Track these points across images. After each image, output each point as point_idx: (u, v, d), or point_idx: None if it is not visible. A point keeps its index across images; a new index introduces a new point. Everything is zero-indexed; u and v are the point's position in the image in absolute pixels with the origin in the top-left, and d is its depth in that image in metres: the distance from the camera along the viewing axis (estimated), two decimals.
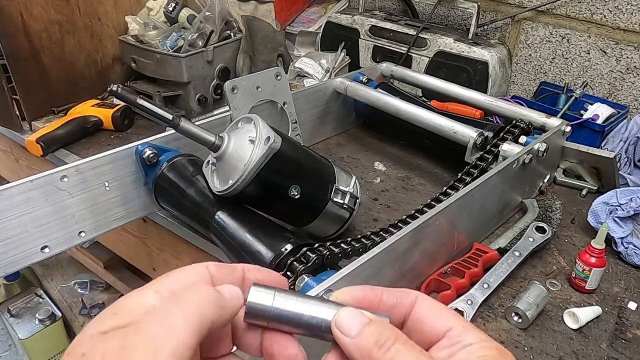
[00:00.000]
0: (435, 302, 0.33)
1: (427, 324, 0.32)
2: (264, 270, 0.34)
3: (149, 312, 0.28)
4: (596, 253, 0.76)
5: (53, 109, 1.22)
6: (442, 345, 0.31)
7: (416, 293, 0.33)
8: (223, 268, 0.32)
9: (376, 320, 0.30)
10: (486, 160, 0.90)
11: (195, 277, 0.31)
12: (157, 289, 0.29)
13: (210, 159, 0.77)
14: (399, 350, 0.28)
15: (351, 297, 0.32)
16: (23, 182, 0.70)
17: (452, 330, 0.31)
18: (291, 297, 0.31)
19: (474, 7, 1.31)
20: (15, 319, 1.70)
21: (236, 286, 0.31)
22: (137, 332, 0.26)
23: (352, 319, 0.30)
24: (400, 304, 0.33)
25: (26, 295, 1.80)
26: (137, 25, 1.28)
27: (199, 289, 0.29)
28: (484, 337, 0.31)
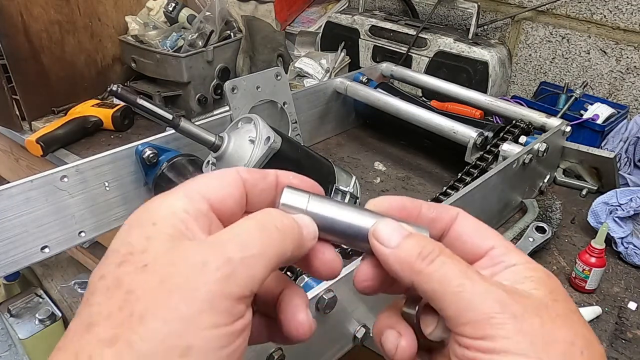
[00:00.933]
0: (477, 220, 0.32)
1: (468, 241, 0.30)
2: (298, 176, 0.32)
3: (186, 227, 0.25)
4: (596, 253, 0.76)
5: (53, 109, 1.22)
6: (484, 265, 0.30)
7: (457, 210, 0.32)
8: (255, 173, 0.30)
9: (417, 233, 0.29)
10: (486, 160, 0.90)
11: (227, 183, 0.28)
12: (187, 193, 0.27)
13: (210, 159, 0.77)
14: (445, 262, 0.27)
15: (389, 206, 0.31)
16: (23, 182, 0.70)
17: (494, 250, 0.30)
18: (326, 201, 0.30)
19: (474, 7, 1.31)
20: (15, 319, 1.70)
21: (306, 217, 0.29)
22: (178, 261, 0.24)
23: (392, 230, 0.29)
24: (440, 219, 0.31)
25: (26, 295, 1.79)
26: (137, 25, 1.28)
27: (284, 216, 0.28)
28: (528, 258, 0.30)
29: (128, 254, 0.24)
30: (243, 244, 0.25)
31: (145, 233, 0.25)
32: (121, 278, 0.23)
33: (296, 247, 0.27)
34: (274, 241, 0.26)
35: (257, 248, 0.25)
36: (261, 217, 0.27)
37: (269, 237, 0.26)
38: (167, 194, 0.27)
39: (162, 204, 0.27)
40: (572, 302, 0.28)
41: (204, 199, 0.27)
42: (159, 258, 0.24)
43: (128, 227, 0.26)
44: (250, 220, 0.27)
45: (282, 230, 0.27)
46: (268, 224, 0.26)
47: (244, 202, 0.29)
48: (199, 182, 0.28)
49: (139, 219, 0.26)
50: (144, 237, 0.25)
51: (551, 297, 0.27)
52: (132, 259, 0.24)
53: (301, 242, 0.28)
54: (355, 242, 0.30)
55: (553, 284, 0.28)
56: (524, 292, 0.27)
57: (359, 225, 0.30)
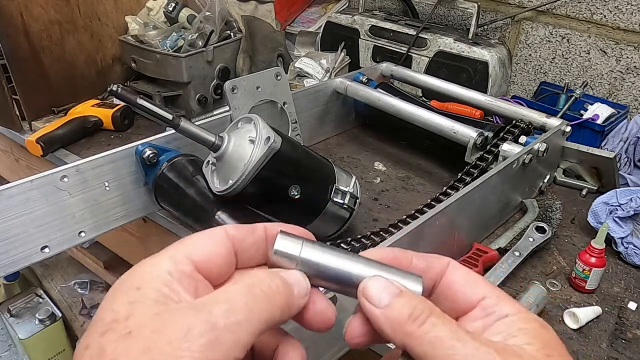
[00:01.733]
0: (468, 269, 0.31)
1: (459, 291, 0.30)
2: (288, 226, 0.32)
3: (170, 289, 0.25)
4: (596, 253, 0.76)
5: (53, 109, 1.22)
6: (476, 316, 0.29)
7: (448, 259, 0.31)
8: (242, 229, 0.30)
9: (407, 292, 0.28)
10: (486, 160, 0.90)
11: (213, 242, 0.28)
12: (173, 255, 0.27)
13: (210, 159, 0.77)
14: (435, 324, 0.27)
15: (380, 258, 0.31)
16: (23, 182, 0.70)
17: (485, 300, 0.29)
18: (320, 247, 0.30)
19: (474, 7, 1.31)
20: (15, 319, 1.70)
21: (297, 274, 0.29)
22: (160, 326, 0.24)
23: (383, 288, 0.28)
24: (431, 269, 0.31)
25: (26, 295, 1.79)
26: (137, 25, 1.28)
27: (271, 278, 0.27)
28: (521, 308, 0.29)
29: (112, 321, 0.24)
30: (228, 310, 0.24)
31: (129, 298, 0.25)
32: (104, 346, 0.23)
33: (285, 309, 0.27)
34: (261, 306, 0.26)
35: (242, 314, 0.25)
36: (248, 281, 0.27)
37: (255, 302, 0.26)
38: (154, 256, 0.27)
39: (148, 267, 0.27)
40: (567, 355, 0.27)
41: (188, 259, 0.27)
42: (143, 325, 0.24)
43: (113, 292, 0.26)
44: (237, 285, 0.26)
45: (269, 295, 0.26)
46: (254, 288, 0.26)
47: (232, 260, 0.29)
48: (185, 242, 0.28)
49: (123, 284, 0.26)
50: (127, 302, 0.25)
51: (544, 353, 0.26)
52: (116, 326, 0.24)
53: (291, 304, 0.28)
54: (349, 290, 0.30)
55: (547, 336, 0.27)
56: (516, 350, 0.26)
57: (354, 273, 0.29)
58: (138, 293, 0.25)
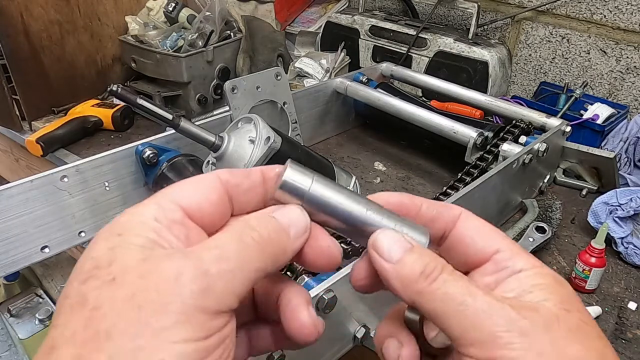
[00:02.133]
0: (482, 220, 0.30)
1: (471, 244, 0.28)
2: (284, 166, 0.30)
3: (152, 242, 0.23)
4: (596, 253, 0.76)
5: (53, 109, 1.22)
6: (488, 270, 0.28)
7: (460, 209, 0.30)
8: (236, 173, 0.28)
9: (418, 247, 0.27)
10: (486, 160, 0.90)
11: (203, 188, 0.27)
12: (158, 201, 0.25)
13: (210, 159, 0.77)
14: (447, 281, 0.26)
15: (386, 203, 0.29)
16: (23, 182, 0.70)
17: (499, 253, 0.28)
18: (331, 185, 0.28)
19: (474, 7, 1.31)
20: (15, 319, 1.70)
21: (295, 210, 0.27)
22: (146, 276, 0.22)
23: (393, 242, 0.27)
24: (441, 218, 0.30)
25: (26, 295, 1.79)
26: (137, 25, 1.28)
27: (263, 223, 0.26)
28: (537, 262, 0.27)
29: (93, 268, 0.23)
30: (220, 257, 0.23)
31: (110, 244, 0.23)
32: (86, 294, 0.22)
33: (280, 256, 0.26)
34: (252, 254, 0.25)
35: (234, 262, 0.24)
36: (238, 229, 0.25)
37: (246, 250, 0.24)
38: (138, 205, 0.25)
39: (130, 215, 0.25)
40: (585, 311, 0.26)
41: (177, 206, 0.25)
42: (128, 270, 0.22)
43: (93, 242, 0.24)
44: (227, 233, 0.25)
45: (261, 243, 0.25)
46: (245, 236, 0.25)
47: (226, 206, 0.27)
48: (172, 189, 0.26)
49: (104, 233, 0.24)
50: (108, 248, 0.23)
51: (562, 307, 0.25)
52: (98, 273, 0.22)
53: (285, 249, 0.26)
54: (355, 234, 0.28)
55: (564, 291, 0.26)
56: (531, 305, 0.25)
57: (363, 217, 0.28)
58: (119, 239, 0.23)
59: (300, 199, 0.28)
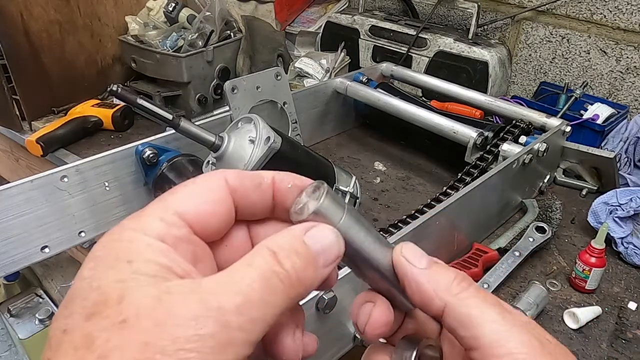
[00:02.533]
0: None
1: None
2: (300, 178, 0.27)
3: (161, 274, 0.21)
4: (596, 253, 0.76)
5: (53, 109, 1.22)
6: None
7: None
8: (246, 181, 0.25)
9: (443, 264, 0.28)
10: (486, 160, 0.90)
11: (211, 199, 0.24)
12: (162, 215, 0.23)
13: (210, 159, 0.77)
14: (478, 290, 0.26)
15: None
16: (23, 182, 0.70)
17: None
18: (361, 222, 0.26)
19: (474, 7, 1.31)
20: (15, 319, 1.70)
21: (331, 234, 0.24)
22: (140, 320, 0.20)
23: (421, 254, 0.28)
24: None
25: (26, 295, 1.79)
26: (137, 25, 1.28)
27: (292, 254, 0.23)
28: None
29: (100, 303, 0.20)
30: (242, 306, 0.21)
31: (119, 275, 0.21)
32: (93, 336, 0.19)
33: (305, 291, 0.24)
34: (277, 299, 0.22)
35: (258, 310, 0.21)
36: (265, 265, 0.22)
37: (271, 295, 0.22)
38: (139, 216, 0.23)
39: (134, 233, 0.22)
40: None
41: (182, 220, 0.23)
42: (140, 312, 0.20)
43: (95, 263, 0.22)
44: (251, 270, 0.22)
45: (288, 285, 0.22)
46: (272, 276, 0.22)
47: (232, 215, 0.26)
48: (176, 197, 0.24)
49: (109, 253, 0.22)
50: (117, 280, 0.20)
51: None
52: (106, 310, 0.20)
53: (312, 282, 0.24)
54: (369, 272, 0.28)
55: None
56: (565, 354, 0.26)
57: (386, 263, 0.28)
58: (130, 268, 0.21)
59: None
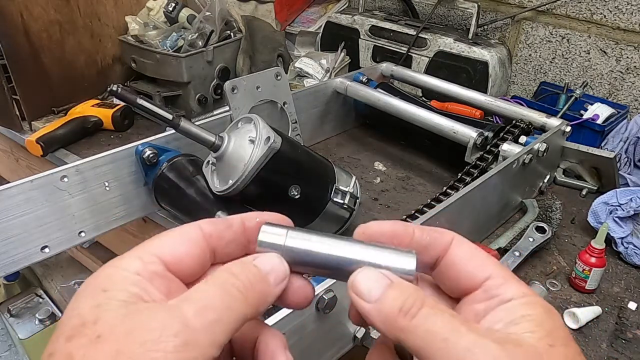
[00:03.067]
0: (474, 246, 0.30)
1: (463, 270, 0.28)
2: (263, 214, 0.31)
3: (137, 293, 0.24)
4: (596, 253, 0.76)
5: (53, 109, 1.22)
6: (479, 297, 0.28)
7: (452, 234, 0.30)
8: (219, 224, 0.29)
9: (398, 282, 0.27)
10: (486, 160, 0.90)
11: (185, 241, 0.27)
12: (140, 255, 0.26)
13: (210, 159, 0.77)
14: (427, 316, 0.25)
15: (379, 233, 0.30)
16: (23, 182, 0.70)
17: (490, 280, 0.27)
18: (305, 235, 0.29)
19: (474, 7, 1.31)
20: (15, 319, 1.70)
21: (275, 258, 0.28)
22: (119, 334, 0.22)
23: (373, 281, 0.27)
24: (433, 245, 0.29)
25: (26, 295, 1.79)
26: (137, 25, 1.28)
27: (244, 272, 0.26)
28: (527, 290, 0.27)
29: (79, 325, 0.23)
30: (203, 309, 0.24)
31: (95, 301, 0.24)
32: (72, 353, 0.22)
33: (262, 303, 0.27)
34: (235, 303, 0.25)
35: (217, 312, 0.24)
36: (221, 279, 0.26)
37: (228, 300, 0.25)
38: (119, 258, 0.26)
39: (113, 269, 0.25)
40: (571, 344, 0.26)
41: (158, 259, 0.26)
42: (112, 327, 0.22)
43: (76, 297, 0.25)
44: (210, 283, 0.25)
45: (244, 292, 0.26)
46: (228, 286, 0.25)
47: (207, 258, 0.28)
48: (154, 242, 0.27)
49: (88, 287, 0.25)
50: (93, 305, 0.23)
51: (547, 342, 0.25)
52: (84, 330, 0.23)
53: (267, 295, 0.27)
54: (341, 275, 0.29)
55: (552, 323, 0.26)
56: (516, 340, 0.25)
57: (343, 257, 0.28)
58: (104, 295, 0.24)
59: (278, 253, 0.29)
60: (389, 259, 0.28)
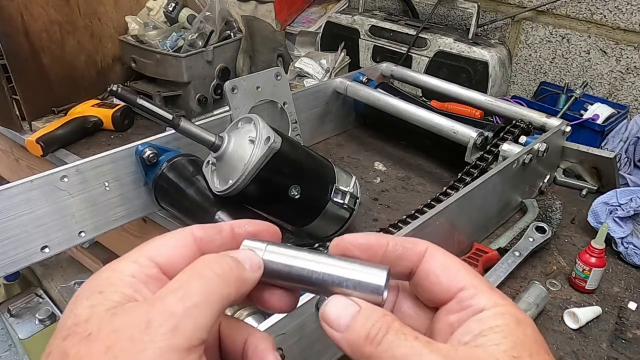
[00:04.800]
0: (448, 255, 0.30)
1: (436, 281, 0.28)
2: (253, 222, 0.32)
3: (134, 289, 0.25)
4: (596, 253, 0.76)
5: (53, 109, 1.22)
6: (453, 309, 0.28)
7: (426, 244, 0.30)
8: (209, 230, 0.30)
9: (366, 307, 0.27)
10: (486, 160, 0.90)
11: (178, 245, 0.29)
12: (136, 258, 0.27)
13: (210, 159, 0.77)
14: (392, 341, 0.26)
15: (354, 246, 0.30)
16: (23, 182, 0.70)
17: (463, 291, 0.28)
18: (283, 251, 0.30)
19: (474, 7, 1.31)
20: (15, 319, 1.70)
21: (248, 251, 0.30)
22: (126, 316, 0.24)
23: (342, 309, 0.27)
24: (407, 256, 0.30)
25: (26, 295, 1.79)
26: (137, 25, 1.28)
27: (221, 259, 0.27)
28: (500, 299, 0.27)
29: (73, 325, 0.24)
30: (183, 296, 0.25)
31: (91, 302, 0.25)
32: (67, 351, 0.23)
33: (241, 285, 0.28)
34: (215, 286, 0.26)
35: (197, 296, 0.25)
36: (198, 265, 0.27)
37: (208, 283, 0.26)
38: (117, 261, 0.27)
39: (109, 272, 0.27)
40: (541, 353, 0.26)
41: (152, 262, 0.27)
42: (102, 325, 0.24)
43: (74, 298, 0.26)
44: (188, 271, 0.27)
45: (221, 274, 0.27)
46: (205, 271, 0.26)
47: None
48: (148, 246, 0.28)
49: (85, 290, 0.26)
50: (88, 305, 0.25)
51: (512, 354, 0.25)
52: (77, 329, 0.24)
53: (244, 278, 0.28)
54: (315, 291, 0.30)
55: (521, 334, 0.26)
56: (479, 354, 0.25)
57: (316, 274, 0.29)
58: (100, 296, 0.25)
59: None
60: (359, 275, 0.29)
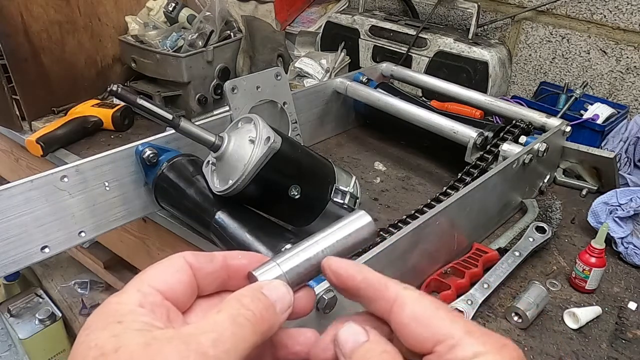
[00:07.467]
0: (420, 300, 0.28)
1: (409, 335, 0.28)
2: (246, 254, 0.33)
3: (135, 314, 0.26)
4: (596, 253, 0.76)
5: (53, 109, 1.22)
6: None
7: (395, 289, 0.29)
8: (200, 257, 0.31)
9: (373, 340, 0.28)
10: (486, 160, 0.90)
11: (175, 270, 0.30)
12: (139, 288, 0.28)
13: (210, 159, 0.77)
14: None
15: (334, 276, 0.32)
16: (23, 182, 0.70)
17: (440, 344, 0.27)
18: (288, 254, 0.33)
19: (474, 7, 1.31)
20: (15, 319, 1.70)
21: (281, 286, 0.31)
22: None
23: (352, 335, 0.29)
24: (378, 302, 0.30)
25: (26, 295, 1.79)
26: (137, 25, 1.28)
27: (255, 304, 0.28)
28: (480, 346, 0.26)
29: (100, 356, 0.24)
30: (217, 340, 0.25)
31: (112, 332, 0.25)
32: None
33: (270, 331, 0.29)
34: (246, 333, 0.27)
35: (230, 343, 0.26)
36: (233, 309, 0.27)
37: (240, 330, 0.27)
38: (119, 293, 0.28)
39: (117, 304, 0.27)
40: None
41: (155, 290, 0.28)
42: (134, 356, 0.24)
43: (88, 331, 0.26)
44: (223, 314, 0.27)
45: (254, 323, 0.27)
46: (239, 317, 0.27)
47: (194, 285, 0.31)
48: (148, 274, 0.29)
49: (99, 319, 0.26)
50: (111, 335, 0.25)
51: None
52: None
53: (274, 324, 0.29)
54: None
55: None
56: None
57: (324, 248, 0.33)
58: (120, 326, 0.25)
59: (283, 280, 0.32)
60: (349, 228, 0.33)
